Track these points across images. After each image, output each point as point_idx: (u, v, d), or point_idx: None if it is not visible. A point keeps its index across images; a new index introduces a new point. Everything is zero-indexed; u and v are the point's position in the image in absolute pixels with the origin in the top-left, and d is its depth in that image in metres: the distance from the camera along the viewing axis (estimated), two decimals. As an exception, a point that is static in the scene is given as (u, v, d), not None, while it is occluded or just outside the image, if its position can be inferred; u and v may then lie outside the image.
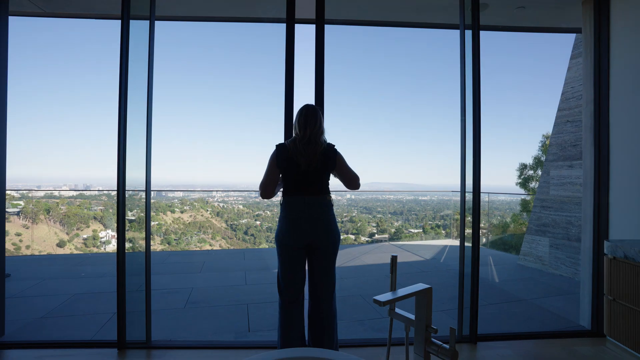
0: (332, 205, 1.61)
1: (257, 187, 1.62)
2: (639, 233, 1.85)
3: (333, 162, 1.58)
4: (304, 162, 1.52)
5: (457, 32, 2.08)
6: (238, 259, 4.22)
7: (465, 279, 2.05)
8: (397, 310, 1.08)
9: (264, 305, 2.52)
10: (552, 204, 3.52)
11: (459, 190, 2.10)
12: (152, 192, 2.15)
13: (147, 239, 1.99)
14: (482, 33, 2.10)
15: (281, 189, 1.66)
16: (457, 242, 3.82)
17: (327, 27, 2.08)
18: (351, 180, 1.63)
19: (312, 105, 1.64)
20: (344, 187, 1.67)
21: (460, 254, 2.10)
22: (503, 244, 5.49)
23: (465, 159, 2.05)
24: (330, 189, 1.64)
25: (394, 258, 1.10)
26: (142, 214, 2.16)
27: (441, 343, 0.95)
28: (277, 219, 1.61)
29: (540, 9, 2.31)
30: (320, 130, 1.58)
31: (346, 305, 2.58)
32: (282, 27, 2.04)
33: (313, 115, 1.58)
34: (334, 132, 1.76)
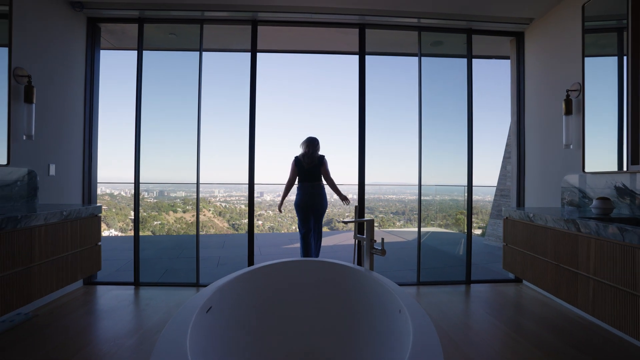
0: (324, 186, 3.15)
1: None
2: (536, 204, 2.87)
3: (321, 162, 3.25)
4: (307, 164, 3.22)
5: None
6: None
7: (423, 248, 3.11)
8: (358, 235, 2.10)
9: (276, 267, 3.55)
10: (508, 192, 4.53)
11: (422, 186, 3.14)
12: (154, 192, 3.29)
13: (197, 220, 3.05)
14: (443, 59, 3.18)
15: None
16: (439, 229, 4.81)
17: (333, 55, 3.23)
18: (327, 177, 3.31)
19: (313, 137, 3.32)
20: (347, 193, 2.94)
21: (418, 239, 3.15)
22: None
23: (422, 160, 3.10)
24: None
25: (355, 207, 2.12)
26: (145, 214, 3.27)
27: (378, 247, 1.96)
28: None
29: (482, 44, 3.33)
30: (316, 149, 3.27)
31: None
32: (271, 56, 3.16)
33: (312, 142, 3.28)
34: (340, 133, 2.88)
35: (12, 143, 2.16)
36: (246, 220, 3.11)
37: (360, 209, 3.05)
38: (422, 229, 3.28)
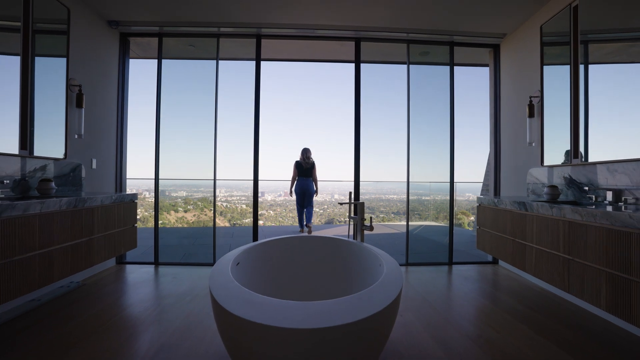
0: (312, 180, 5.22)
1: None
2: (509, 194, 3.39)
3: (313, 166, 5.24)
4: (304, 165, 5.20)
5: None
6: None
7: (415, 238, 3.63)
8: (352, 216, 2.63)
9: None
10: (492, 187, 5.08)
11: (408, 184, 3.67)
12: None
13: (214, 213, 3.59)
14: (428, 67, 3.72)
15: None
16: (433, 223, 5.32)
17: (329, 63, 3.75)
18: (314, 176, 5.26)
19: (307, 148, 5.28)
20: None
21: (406, 227, 3.67)
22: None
23: (410, 161, 3.63)
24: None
25: (350, 192, 2.65)
26: (147, 213, 3.78)
27: (367, 224, 2.49)
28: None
29: (464, 53, 3.87)
30: (309, 156, 5.25)
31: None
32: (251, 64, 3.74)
33: (308, 151, 5.26)
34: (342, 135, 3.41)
35: (68, 141, 2.70)
36: (248, 220, 3.62)
37: (355, 194, 3.58)
38: (418, 223, 3.78)
